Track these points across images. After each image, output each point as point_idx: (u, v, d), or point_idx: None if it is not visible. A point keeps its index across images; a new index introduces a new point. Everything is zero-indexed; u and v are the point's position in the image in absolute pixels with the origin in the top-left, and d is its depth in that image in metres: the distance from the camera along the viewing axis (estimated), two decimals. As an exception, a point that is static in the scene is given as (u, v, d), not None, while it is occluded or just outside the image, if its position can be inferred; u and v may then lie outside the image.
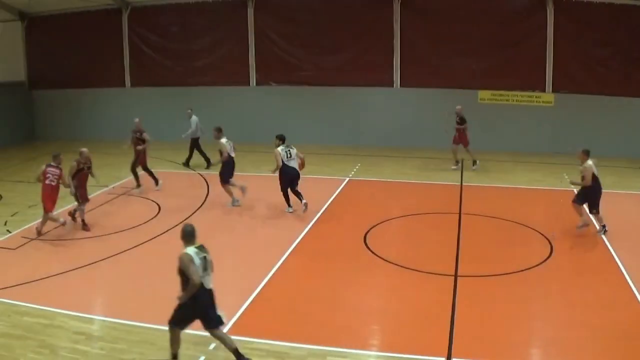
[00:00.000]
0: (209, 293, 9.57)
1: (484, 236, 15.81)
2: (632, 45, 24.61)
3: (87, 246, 15.89)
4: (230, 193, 19.20)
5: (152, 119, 25.28)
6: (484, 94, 26.44)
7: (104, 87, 31.31)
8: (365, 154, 25.44)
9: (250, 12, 28.45)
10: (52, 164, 16.22)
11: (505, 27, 25.43)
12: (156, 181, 21.05)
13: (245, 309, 11.87)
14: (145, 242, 15.92)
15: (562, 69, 25.52)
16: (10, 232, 17.08)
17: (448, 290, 12.49)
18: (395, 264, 13.92)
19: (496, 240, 15.34)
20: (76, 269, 13.73)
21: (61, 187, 16.43)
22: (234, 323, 11.29)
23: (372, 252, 14.69)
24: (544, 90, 25.95)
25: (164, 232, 16.62)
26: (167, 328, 9.85)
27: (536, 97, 26.01)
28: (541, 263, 13.91)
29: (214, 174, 21.74)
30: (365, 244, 15.24)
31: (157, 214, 18.48)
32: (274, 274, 13.59)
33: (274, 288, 12.93)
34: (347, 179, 21.72)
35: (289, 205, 18.27)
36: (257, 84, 29.12)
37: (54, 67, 31.98)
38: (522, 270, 13.47)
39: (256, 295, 12.47)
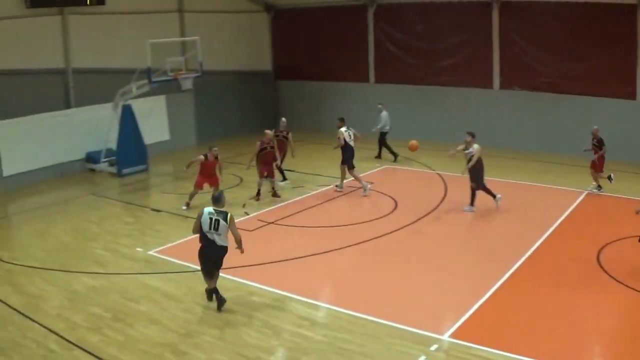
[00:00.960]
0: (219, 249, 11.64)
1: None
2: None
3: (321, 235, 16.67)
4: (358, 179, 20.06)
5: (394, 117, 25.45)
6: None
7: (347, 82, 32.10)
8: (606, 168, 23.37)
9: (495, 14, 27.78)
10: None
11: None
12: (284, 178, 21.97)
13: (471, 314, 11.85)
14: (378, 237, 16.28)
15: None
16: (247, 215, 18.11)
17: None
18: (627, 286, 13.02)
19: None
20: (308, 256, 14.19)
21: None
22: (459, 326, 11.33)
23: (604, 271, 13.87)
24: None
25: (397, 229, 16.88)
26: (391, 323, 11.28)
27: None
28: None
29: (450, 174, 21.57)
30: (598, 262, 14.39)
31: (392, 211, 18.67)
32: (502, 283, 13.34)
33: (501, 297, 12.74)
34: (585, 192, 20.43)
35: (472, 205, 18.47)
36: (501, 87, 28.34)
37: (298, 58, 33.36)
38: None
39: (483, 303, 12.36)
